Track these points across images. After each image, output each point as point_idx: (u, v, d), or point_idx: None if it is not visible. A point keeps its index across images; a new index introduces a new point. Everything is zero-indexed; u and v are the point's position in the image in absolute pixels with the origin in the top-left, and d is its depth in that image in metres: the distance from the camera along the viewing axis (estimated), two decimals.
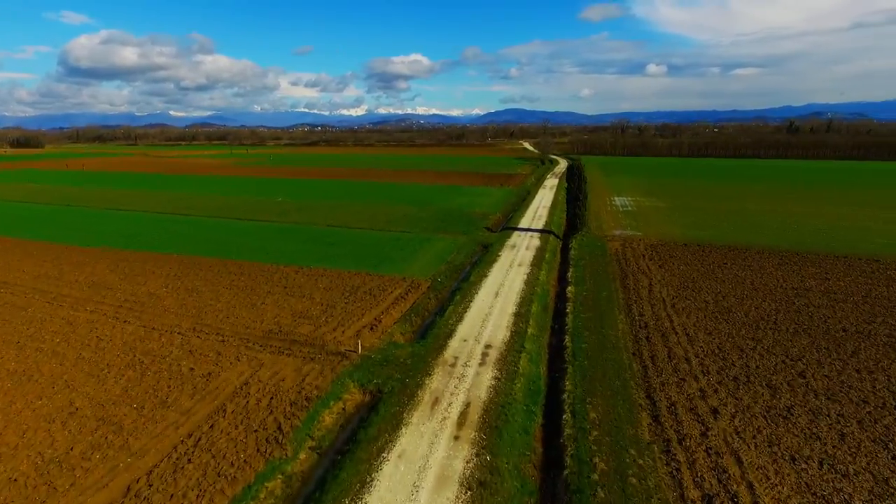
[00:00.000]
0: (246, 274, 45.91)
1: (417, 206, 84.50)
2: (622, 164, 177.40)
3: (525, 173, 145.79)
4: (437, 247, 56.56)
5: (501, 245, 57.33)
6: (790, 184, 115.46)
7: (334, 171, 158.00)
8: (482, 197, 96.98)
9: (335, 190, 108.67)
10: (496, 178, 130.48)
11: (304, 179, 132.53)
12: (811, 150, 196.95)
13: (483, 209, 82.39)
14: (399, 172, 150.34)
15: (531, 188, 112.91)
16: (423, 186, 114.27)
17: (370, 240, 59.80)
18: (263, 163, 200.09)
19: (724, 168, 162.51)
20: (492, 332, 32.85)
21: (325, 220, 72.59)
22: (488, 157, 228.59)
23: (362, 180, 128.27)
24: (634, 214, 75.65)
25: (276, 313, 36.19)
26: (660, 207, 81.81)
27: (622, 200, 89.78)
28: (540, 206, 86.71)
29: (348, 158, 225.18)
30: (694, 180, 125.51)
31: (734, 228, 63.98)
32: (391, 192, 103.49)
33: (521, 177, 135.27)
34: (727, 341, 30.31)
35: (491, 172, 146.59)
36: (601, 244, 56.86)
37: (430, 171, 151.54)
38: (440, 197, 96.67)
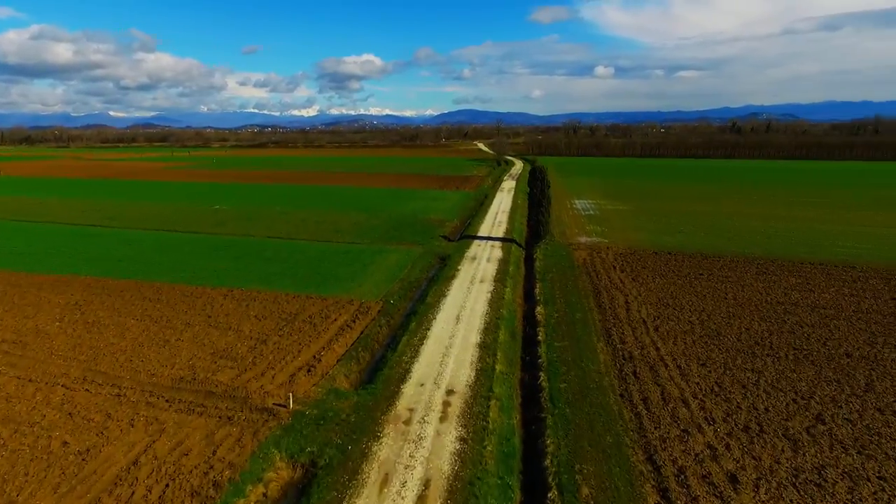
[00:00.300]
0: (164, 300, 39.06)
1: (369, 213, 78.57)
2: (578, 165, 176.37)
3: (481, 175, 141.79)
4: (389, 260, 51.02)
5: (461, 257, 52.32)
6: (745, 184, 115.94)
7: (282, 174, 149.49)
8: (438, 201, 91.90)
9: (280, 195, 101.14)
10: (452, 181, 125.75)
11: (247, 184, 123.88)
12: (757, 150, 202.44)
13: (439, 215, 77.31)
14: (350, 175, 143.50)
15: (489, 191, 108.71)
16: (376, 190, 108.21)
17: (315, 253, 53.58)
18: (207, 166, 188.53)
19: (679, 168, 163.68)
20: (454, 370, 27.68)
21: (265, 230, 65.70)
22: (443, 158, 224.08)
23: (310, 184, 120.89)
24: (598, 219, 72.27)
25: (192, 353, 29.82)
26: (622, 211, 78.91)
27: (583, 203, 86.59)
28: (499, 210, 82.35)
29: (298, 161, 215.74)
30: (651, 181, 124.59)
31: (702, 233, 61.31)
32: (341, 197, 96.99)
33: (477, 179, 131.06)
34: (725, 375, 26.22)
35: (446, 175, 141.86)
36: (567, 253, 52.73)
37: (382, 174, 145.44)
38: (393, 202, 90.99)
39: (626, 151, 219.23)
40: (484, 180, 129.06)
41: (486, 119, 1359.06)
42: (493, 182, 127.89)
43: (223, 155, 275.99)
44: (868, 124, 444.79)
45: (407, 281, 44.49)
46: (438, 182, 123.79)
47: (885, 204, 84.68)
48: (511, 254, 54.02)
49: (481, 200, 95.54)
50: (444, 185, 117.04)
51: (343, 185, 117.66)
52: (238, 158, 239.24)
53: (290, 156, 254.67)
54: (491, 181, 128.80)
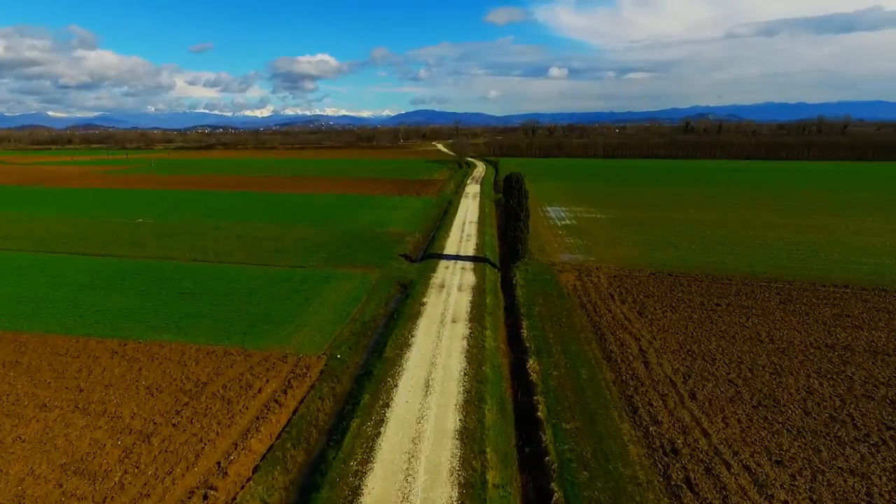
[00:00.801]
0: (24, 364, 28.56)
1: (318, 227, 68.61)
2: (541, 167, 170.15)
3: (443, 179, 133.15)
4: (339, 290, 41.63)
5: (426, 284, 43.41)
6: (716, 186, 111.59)
7: (225, 179, 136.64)
8: (398, 210, 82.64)
9: (219, 205, 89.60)
10: (412, 186, 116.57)
11: (184, 191, 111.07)
12: (718, 150, 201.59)
13: (399, 227, 68.18)
14: (301, 180, 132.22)
15: (452, 197, 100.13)
16: (328, 198, 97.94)
17: (247, 283, 43.57)
18: (143, 170, 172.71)
19: (644, 170, 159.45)
20: (426, 487, 18.75)
21: (191, 250, 54.97)
22: (401, 160, 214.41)
23: (255, 191, 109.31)
24: (577, 230, 64.74)
25: (28, 468, 19.84)
26: (601, 220, 71.74)
27: (557, 211, 79.06)
28: (466, 220, 73.77)
29: (246, 164, 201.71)
30: (621, 184, 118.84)
31: (696, 246, 54.51)
32: (288, 207, 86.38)
33: (439, 183, 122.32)
34: (818, 483, 18.28)
35: (406, 179, 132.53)
36: (552, 276, 44.65)
37: (336, 179, 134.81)
38: (347, 212, 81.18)
39: (588, 152, 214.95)
40: (446, 184, 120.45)
41: (444, 119, 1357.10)
42: (457, 186, 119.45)
43: (165, 157, 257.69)
44: (812, 125, 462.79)
45: (360, 321, 35.27)
46: (397, 187, 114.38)
47: (870, 207, 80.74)
48: (486, 278, 45.48)
49: (445, 208, 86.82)
50: (403, 191, 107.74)
51: (292, 193, 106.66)
52: (180, 162, 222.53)
53: (239, 158, 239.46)
54: (454, 185, 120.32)
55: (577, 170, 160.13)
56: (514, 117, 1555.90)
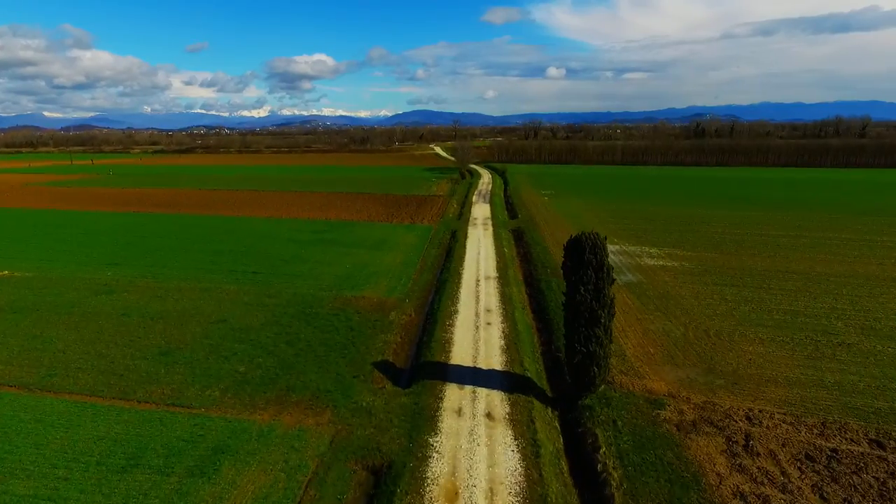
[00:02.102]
0: None
1: (259, 285, 45.52)
2: (559, 177, 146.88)
3: (443, 194, 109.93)
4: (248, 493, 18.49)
5: (419, 482, 20.25)
6: (820, 209, 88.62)
7: (179, 195, 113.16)
8: (383, 251, 59.52)
9: (140, 240, 66.20)
10: (405, 206, 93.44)
11: (109, 214, 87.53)
12: (755, 157, 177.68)
13: (382, 288, 45.20)
14: (272, 197, 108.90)
15: (457, 225, 77.03)
16: (296, 225, 74.78)
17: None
18: (95, 182, 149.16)
19: (683, 181, 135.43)
20: None
21: (7, 358, 31.69)
22: (395, 167, 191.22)
23: (204, 214, 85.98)
24: (657, 297, 41.60)
25: None
26: (684, 272, 48.60)
27: (613, 257, 56.07)
28: (480, 274, 50.42)
29: (219, 172, 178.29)
30: (671, 202, 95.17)
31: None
32: (233, 244, 63.08)
33: (438, 202, 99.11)
34: None
35: (399, 194, 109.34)
36: (673, 451, 21.67)
37: (316, 194, 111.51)
38: (313, 252, 58.06)
39: (606, 157, 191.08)
40: (448, 203, 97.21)
41: (441, 120, 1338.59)
42: (460, 206, 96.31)
43: (138, 163, 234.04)
44: (829, 125, 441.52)
45: None
46: (386, 208, 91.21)
47: None
48: (540, 456, 22.26)
49: (448, 245, 63.74)
50: (394, 214, 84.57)
51: (251, 217, 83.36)
52: (147, 169, 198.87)
53: (214, 165, 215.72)
54: (457, 204, 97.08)
55: (601, 181, 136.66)
56: (511, 117, 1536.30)
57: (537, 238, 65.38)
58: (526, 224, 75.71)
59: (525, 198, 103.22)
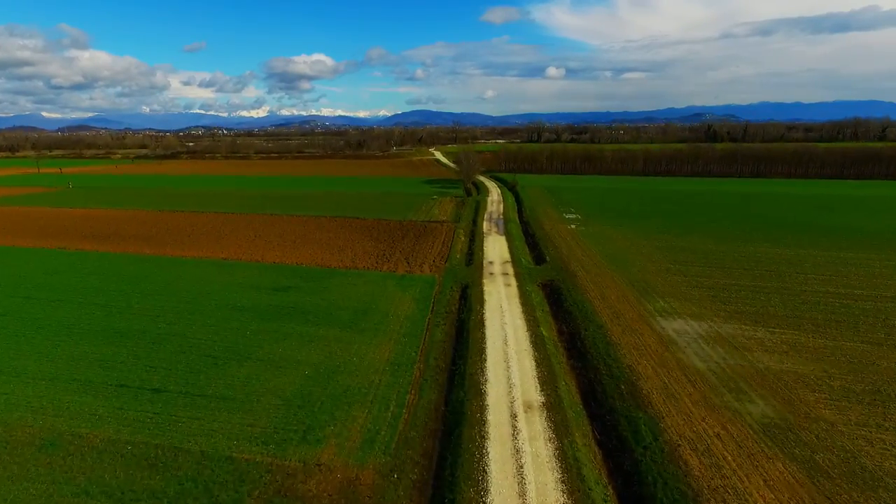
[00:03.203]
0: None
1: (146, 440, 26.49)
2: (580, 193, 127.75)
3: (446, 219, 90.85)
4: None
5: None
6: None
7: (125, 220, 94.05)
8: (362, 334, 40.56)
9: (19, 308, 47.21)
10: (399, 239, 74.51)
11: (13, 249, 68.43)
12: (796, 167, 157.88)
13: (351, 435, 26.30)
14: (239, 222, 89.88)
15: (467, 274, 58.12)
16: (251, 278, 55.79)
17: None
18: (43, 199, 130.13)
19: (739, 199, 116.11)
20: None
21: None
22: (390, 178, 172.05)
23: (136, 254, 66.80)
24: (850, 481, 22.75)
25: None
26: (852, 397, 29.72)
27: (705, 350, 36.85)
28: (516, 396, 31.18)
29: (194, 184, 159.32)
30: (745, 237, 74.95)
31: None
32: (141, 324, 43.94)
33: (441, 233, 80.00)
34: None
35: (393, 219, 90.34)
36: None
37: (294, 219, 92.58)
38: (254, 349, 38.88)
39: (625, 166, 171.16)
40: (452, 234, 78.10)
41: (441, 120, 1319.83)
42: (469, 237, 77.31)
43: (109, 172, 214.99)
44: (847, 126, 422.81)
45: None
46: (376, 243, 72.28)
47: None
48: None
49: (457, 319, 44.77)
50: (384, 254, 65.72)
51: (197, 258, 64.37)
52: (114, 179, 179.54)
53: (192, 175, 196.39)
54: (464, 236, 77.95)
55: (629, 198, 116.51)
56: (510, 117, 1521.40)
57: (583, 303, 46.48)
58: (560, 273, 56.83)
59: (547, 225, 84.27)
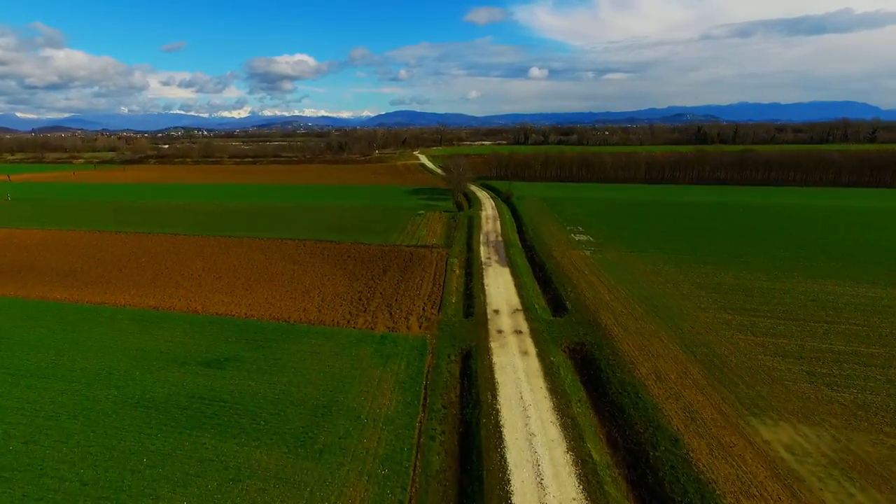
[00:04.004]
0: None
1: None
2: (585, 206, 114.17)
3: (436, 244, 76.45)
4: None
5: None
6: None
7: (39, 247, 78.38)
8: (318, 463, 26.19)
9: None
10: (380, 277, 60.07)
11: None
12: (812, 174, 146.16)
13: None
14: (183, 247, 74.72)
15: (465, 328, 44.02)
16: (177, 345, 40.98)
17: None
18: None
19: (761, 213, 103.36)
20: None
21: None
22: (372, 187, 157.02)
23: (52, 303, 51.48)
24: None
25: None
26: None
27: None
28: None
29: (149, 195, 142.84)
30: (798, 268, 61.95)
31: None
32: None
33: (432, 265, 65.67)
34: None
35: (372, 244, 75.77)
36: None
37: (254, 242, 77.60)
38: None
39: (627, 173, 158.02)
40: (444, 267, 63.82)
41: (424, 121, 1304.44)
42: (464, 269, 63.16)
43: (62, 180, 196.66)
44: (836, 127, 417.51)
45: None
46: (350, 281, 57.84)
47: None
48: None
49: (460, 425, 30.61)
50: (361, 300, 51.35)
51: (111, 306, 49.26)
52: (63, 189, 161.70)
53: (153, 182, 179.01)
54: (459, 268, 63.70)
55: (641, 212, 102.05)
56: (494, 118, 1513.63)
57: (635, 390, 32.62)
58: (589, 331, 43.05)
59: (556, 251, 70.38)
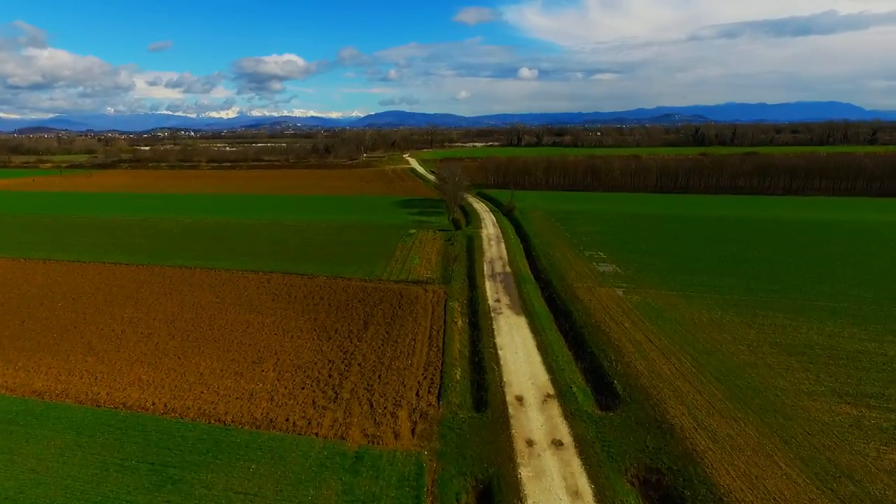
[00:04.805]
0: None
1: None
2: (600, 222, 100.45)
3: (430, 281, 62.35)
4: None
5: None
6: None
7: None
8: None
9: None
10: (356, 334, 45.89)
11: None
12: (841, 181, 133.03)
13: None
14: (120, 282, 60.03)
15: (474, 432, 30.03)
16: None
17: None
18: None
19: (813, 232, 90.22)
20: None
21: None
22: (358, 197, 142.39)
23: None
24: None
25: None
26: None
27: None
28: None
29: (109, 205, 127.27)
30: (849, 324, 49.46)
31: None
32: None
33: (425, 312, 51.53)
34: None
35: (351, 279, 61.50)
36: None
37: (205, 276, 63.03)
38: None
39: (637, 181, 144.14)
40: (444, 322, 49.61)
41: (414, 121, 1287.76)
42: (469, 323, 49.02)
43: (12, 188, 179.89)
44: (837, 128, 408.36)
45: None
46: (314, 344, 43.66)
47: None
48: None
49: None
50: (324, 380, 37.18)
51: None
52: (11, 198, 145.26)
53: (115, 192, 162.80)
54: (462, 320, 49.50)
55: (669, 232, 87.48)
56: (483, 118, 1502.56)
57: None
58: (657, 438, 29.60)
59: (580, 290, 56.61)
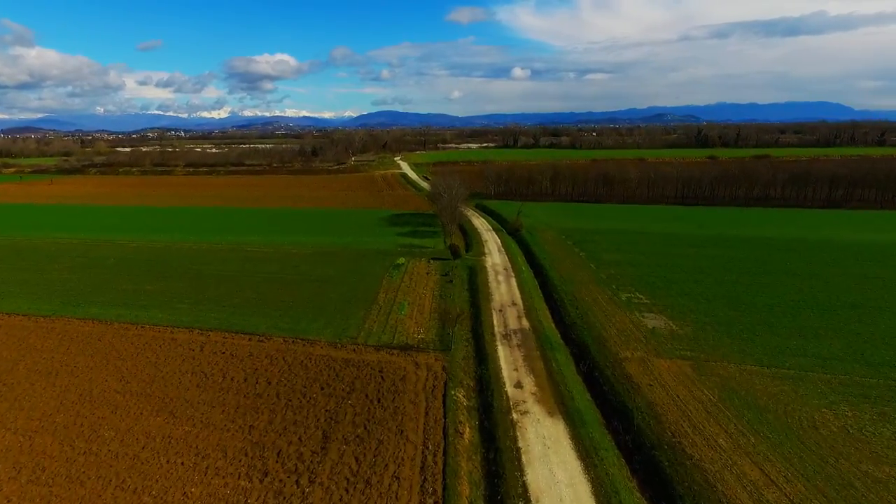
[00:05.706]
0: None
1: None
2: (625, 246, 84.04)
3: (421, 345, 45.66)
4: None
5: None
6: None
7: None
8: None
9: None
10: (308, 465, 29.04)
11: None
12: (889, 191, 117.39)
13: None
14: (3, 351, 42.80)
15: None
16: None
17: None
18: None
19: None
20: None
21: None
22: (340, 211, 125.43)
23: None
24: None
25: None
26: None
27: None
28: None
29: (49, 222, 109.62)
30: None
31: None
32: None
33: (412, 411, 34.85)
34: None
35: (313, 344, 44.68)
36: None
37: (123, 335, 45.88)
38: None
39: (656, 191, 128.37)
40: (446, 450, 32.90)
41: (407, 121, 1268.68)
42: (484, 444, 32.24)
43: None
44: (845, 129, 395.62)
45: None
46: (243, 485, 26.63)
47: None
48: None
49: None
50: None
51: None
52: None
53: (68, 203, 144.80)
54: (472, 436, 32.74)
55: (719, 263, 70.33)
56: (476, 118, 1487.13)
57: None
58: None
59: (631, 364, 40.24)
